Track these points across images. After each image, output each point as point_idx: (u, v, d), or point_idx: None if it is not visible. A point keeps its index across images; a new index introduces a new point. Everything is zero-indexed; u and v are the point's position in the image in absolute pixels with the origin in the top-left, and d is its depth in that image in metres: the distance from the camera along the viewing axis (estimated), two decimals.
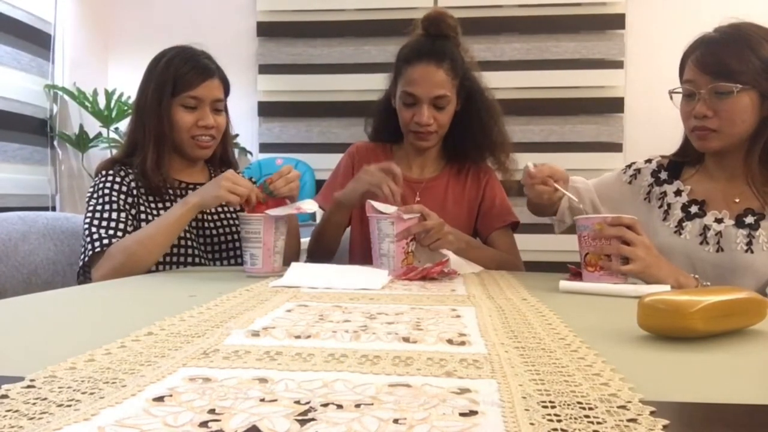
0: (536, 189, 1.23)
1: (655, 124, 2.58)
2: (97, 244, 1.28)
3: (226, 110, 1.49)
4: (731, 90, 1.14)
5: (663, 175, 1.34)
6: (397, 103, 1.51)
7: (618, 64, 2.94)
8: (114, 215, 1.33)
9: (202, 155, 1.47)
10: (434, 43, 1.48)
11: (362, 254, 1.52)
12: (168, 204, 1.42)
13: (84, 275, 1.32)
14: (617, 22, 2.93)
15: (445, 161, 1.61)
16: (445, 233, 1.27)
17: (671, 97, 1.25)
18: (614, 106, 2.95)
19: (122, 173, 1.40)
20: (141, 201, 1.39)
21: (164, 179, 1.40)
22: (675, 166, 1.34)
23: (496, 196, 1.58)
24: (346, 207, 1.45)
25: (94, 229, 1.30)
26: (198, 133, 1.41)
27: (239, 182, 1.25)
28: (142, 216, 1.37)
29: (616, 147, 2.94)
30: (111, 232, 1.30)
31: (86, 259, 1.29)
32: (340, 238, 1.56)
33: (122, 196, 1.36)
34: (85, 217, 1.34)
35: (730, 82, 1.14)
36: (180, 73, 1.39)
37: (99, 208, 1.33)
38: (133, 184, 1.39)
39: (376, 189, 1.31)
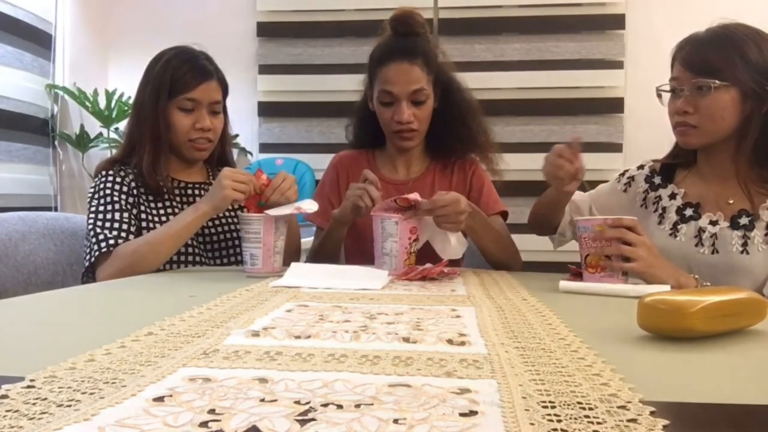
0: (559, 162, 1.20)
1: (655, 124, 2.56)
2: (103, 244, 1.28)
3: (224, 111, 1.49)
4: (710, 85, 1.15)
5: (657, 180, 1.35)
6: (375, 104, 1.51)
7: (618, 64, 2.94)
8: (117, 215, 1.32)
9: (198, 157, 1.46)
10: (405, 40, 1.48)
11: (358, 255, 1.52)
12: (168, 204, 1.42)
13: (89, 276, 1.32)
14: (617, 22, 2.93)
15: (430, 159, 1.61)
16: (460, 221, 1.25)
17: (659, 96, 1.26)
18: (614, 106, 2.95)
19: (122, 173, 1.40)
20: (141, 201, 1.39)
21: (162, 179, 1.40)
22: (667, 169, 1.34)
23: (484, 186, 1.58)
24: (343, 224, 1.43)
25: (99, 230, 1.30)
26: (194, 136, 1.41)
27: (239, 178, 1.25)
28: (143, 216, 1.37)
29: (616, 147, 2.94)
30: (116, 232, 1.30)
31: (92, 260, 1.29)
32: (340, 253, 1.56)
33: (123, 196, 1.36)
34: (88, 219, 1.34)
35: (710, 78, 1.15)
36: (177, 75, 1.38)
37: (102, 209, 1.33)
38: (133, 184, 1.39)
39: (359, 201, 1.31)
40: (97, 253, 1.28)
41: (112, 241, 1.28)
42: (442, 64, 1.54)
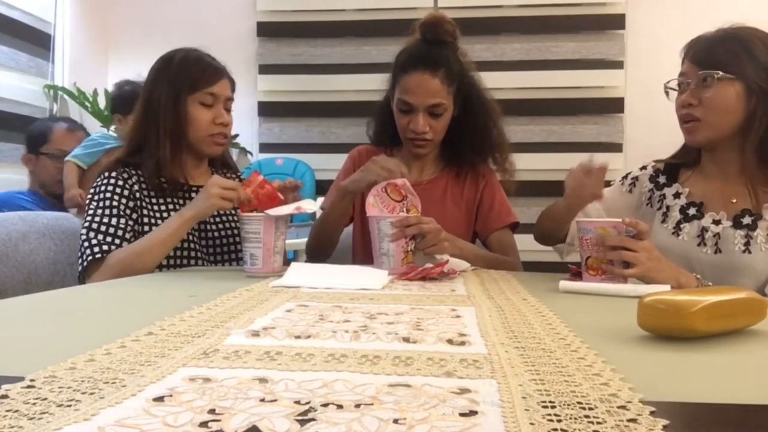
0: (585, 182, 1.19)
1: (655, 124, 2.58)
2: (96, 249, 1.27)
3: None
4: (713, 76, 1.16)
5: (661, 179, 1.35)
6: (394, 109, 1.52)
7: (618, 64, 2.94)
8: (113, 221, 1.31)
9: (216, 152, 1.48)
10: (431, 49, 1.47)
11: (364, 254, 1.52)
12: (171, 206, 1.41)
13: (83, 281, 1.31)
14: (617, 22, 2.94)
15: (444, 163, 1.62)
16: (441, 239, 1.27)
17: (667, 93, 1.27)
18: (614, 106, 2.95)
19: (125, 175, 1.38)
20: (144, 204, 1.37)
21: (181, 175, 1.40)
22: (672, 169, 1.35)
23: (495, 197, 1.58)
24: (352, 194, 1.43)
25: (92, 235, 1.29)
26: (215, 131, 1.42)
27: (225, 185, 1.26)
28: (145, 219, 1.36)
29: (616, 147, 2.94)
30: (109, 239, 1.29)
31: (85, 264, 1.28)
32: (341, 231, 1.55)
33: (123, 200, 1.35)
34: (84, 221, 1.33)
35: (714, 71, 1.16)
36: (197, 70, 1.40)
37: (99, 212, 1.32)
38: (135, 187, 1.37)
39: (381, 180, 1.31)
40: (90, 258, 1.27)
41: (105, 247, 1.28)
42: (466, 71, 1.52)
